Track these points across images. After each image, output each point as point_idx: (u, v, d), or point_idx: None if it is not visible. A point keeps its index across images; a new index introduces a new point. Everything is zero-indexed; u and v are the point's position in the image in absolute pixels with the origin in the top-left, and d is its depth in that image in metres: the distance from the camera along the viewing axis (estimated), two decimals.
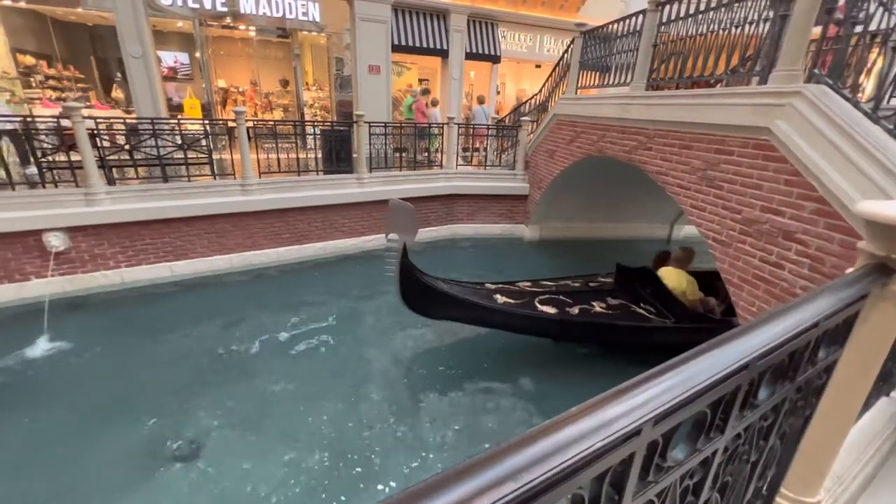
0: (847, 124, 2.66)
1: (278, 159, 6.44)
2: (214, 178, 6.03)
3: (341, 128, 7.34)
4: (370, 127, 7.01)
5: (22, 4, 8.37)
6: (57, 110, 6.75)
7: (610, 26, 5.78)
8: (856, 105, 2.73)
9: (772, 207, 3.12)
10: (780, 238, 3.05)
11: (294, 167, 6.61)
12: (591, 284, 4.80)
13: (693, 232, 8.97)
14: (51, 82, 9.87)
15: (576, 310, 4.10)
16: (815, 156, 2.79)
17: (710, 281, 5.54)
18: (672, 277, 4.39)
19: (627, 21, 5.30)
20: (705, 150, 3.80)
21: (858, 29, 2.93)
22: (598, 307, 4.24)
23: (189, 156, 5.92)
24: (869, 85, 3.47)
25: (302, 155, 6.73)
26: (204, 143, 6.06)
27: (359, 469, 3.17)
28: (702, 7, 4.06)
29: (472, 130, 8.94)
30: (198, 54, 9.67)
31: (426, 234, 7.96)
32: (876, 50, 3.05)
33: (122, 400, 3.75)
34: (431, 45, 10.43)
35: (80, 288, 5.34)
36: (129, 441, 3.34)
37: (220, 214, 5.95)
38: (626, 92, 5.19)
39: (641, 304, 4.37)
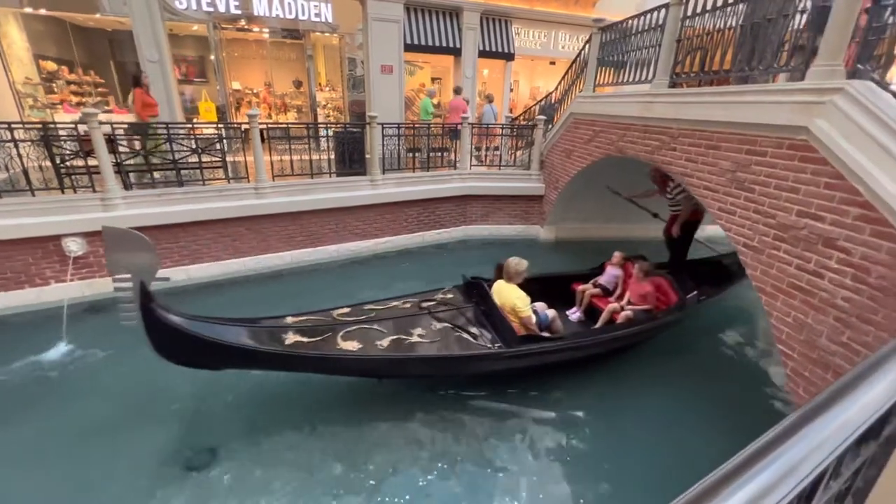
0: None
1: (291, 162, 6.41)
2: (228, 182, 6.03)
3: (354, 129, 7.28)
4: (383, 128, 6.94)
5: (43, 12, 8.52)
6: (77, 115, 6.84)
7: (630, 21, 5.58)
8: None
9: (810, 212, 2.93)
10: (820, 245, 2.86)
11: (307, 169, 6.58)
12: (425, 304, 4.20)
13: (716, 233, 8.69)
14: (72, 87, 10.06)
15: (386, 342, 3.51)
16: (861, 157, 2.59)
17: (560, 286, 5.13)
18: (502, 293, 3.97)
19: (649, 16, 5.09)
20: (735, 150, 3.61)
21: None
22: (416, 336, 3.68)
23: (203, 159, 5.94)
24: None
25: (315, 157, 6.70)
26: (218, 146, 6.06)
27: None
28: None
29: (486, 130, 8.79)
30: (212, 57, 9.74)
31: (439, 235, 7.87)
32: None
33: (135, 404, 3.75)
34: (444, 44, 10.31)
35: (98, 292, 5.38)
36: (143, 446, 3.33)
37: (234, 218, 5.94)
38: (648, 90, 4.99)
39: (471, 328, 3.89)
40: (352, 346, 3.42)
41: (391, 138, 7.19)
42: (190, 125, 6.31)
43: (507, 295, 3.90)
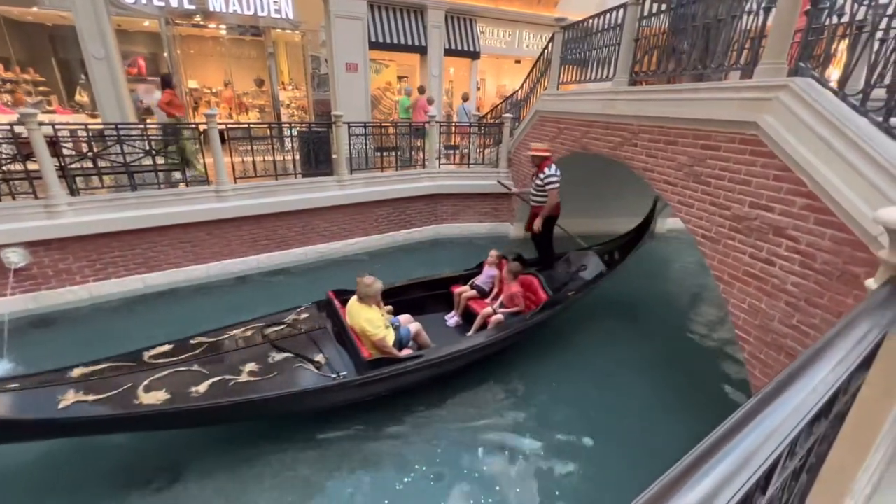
0: (835, 117, 2.62)
1: (254, 163, 6.20)
2: (186, 185, 5.76)
3: (319, 129, 7.11)
4: (349, 127, 6.81)
5: None
6: (14, 116, 6.35)
7: (590, 21, 5.71)
8: (843, 98, 2.70)
9: (761, 203, 3.09)
10: (771, 234, 3.02)
11: (271, 171, 6.37)
12: (269, 331, 3.73)
13: (677, 225, 9.07)
14: (8, 86, 9.33)
15: (204, 387, 3.02)
16: (804, 150, 2.75)
17: (441, 288, 4.93)
18: (353, 314, 3.66)
19: (608, 15, 5.23)
20: (691, 145, 3.75)
21: (836, 20, 2.90)
22: (245, 373, 3.20)
23: (158, 162, 5.64)
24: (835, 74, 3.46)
25: (279, 157, 6.50)
26: (174, 148, 5.78)
27: None
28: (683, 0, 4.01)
29: (453, 129, 8.81)
30: (165, 54, 9.28)
31: (410, 235, 7.82)
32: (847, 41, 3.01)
33: None
34: (410, 42, 10.23)
35: (44, 305, 5.03)
36: (101, 467, 3.13)
37: (194, 223, 5.68)
38: (609, 87, 5.13)
39: (316, 356, 3.45)
40: (156, 397, 2.89)
41: (358, 138, 7.08)
42: (142, 126, 5.97)
43: (357, 317, 3.58)
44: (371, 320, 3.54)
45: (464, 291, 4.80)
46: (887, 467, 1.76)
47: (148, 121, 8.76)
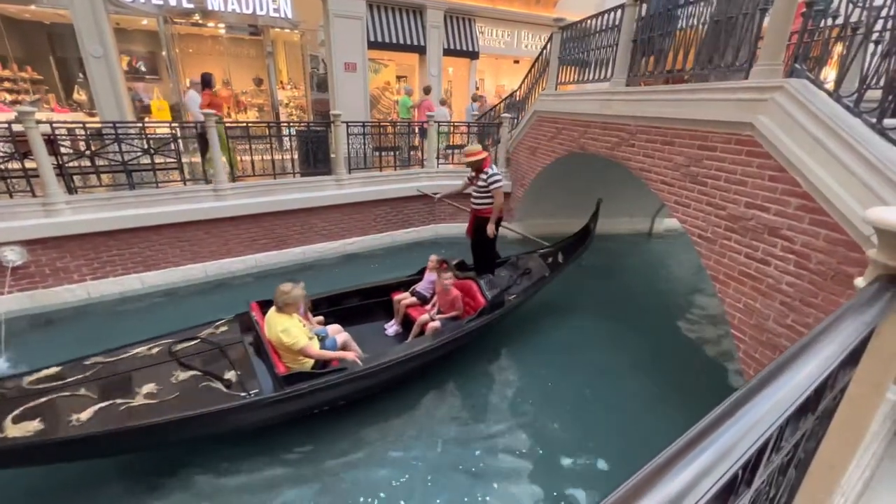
0: (829, 118, 2.64)
1: (252, 162, 6.20)
2: (184, 184, 5.76)
3: (318, 128, 7.12)
4: (348, 127, 6.82)
5: None
6: (12, 114, 6.35)
7: (588, 21, 5.73)
8: (838, 99, 2.72)
9: (757, 203, 3.11)
10: (766, 234, 3.04)
11: (269, 170, 6.38)
12: (179, 347, 3.37)
13: (674, 225, 9.10)
14: (6, 84, 9.32)
15: (87, 414, 2.68)
16: (799, 151, 2.77)
17: (381, 295, 4.71)
18: (269, 325, 3.36)
19: (606, 16, 5.25)
20: (688, 146, 3.77)
21: (830, 22, 2.92)
22: (142, 395, 2.89)
23: (157, 160, 5.65)
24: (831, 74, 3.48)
25: (277, 157, 6.50)
26: (172, 146, 5.78)
27: None
28: (681, 1, 4.03)
29: (451, 129, 8.81)
30: (164, 53, 9.27)
31: (408, 234, 7.83)
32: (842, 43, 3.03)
33: None
34: (408, 42, 10.25)
35: (42, 304, 5.03)
36: (99, 471, 3.14)
37: (191, 221, 5.68)
38: (607, 88, 5.14)
39: (227, 373, 3.17)
40: (27, 428, 2.54)
41: (356, 137, 7.09)
42: (140, 125, 5.98)
43: (273, 327, 3.28)
44: (287, 330, 3.24)
45: (403, 298, 4.58)
46: (878, 464, 1.78)
47: (147, 119, 8.75)
